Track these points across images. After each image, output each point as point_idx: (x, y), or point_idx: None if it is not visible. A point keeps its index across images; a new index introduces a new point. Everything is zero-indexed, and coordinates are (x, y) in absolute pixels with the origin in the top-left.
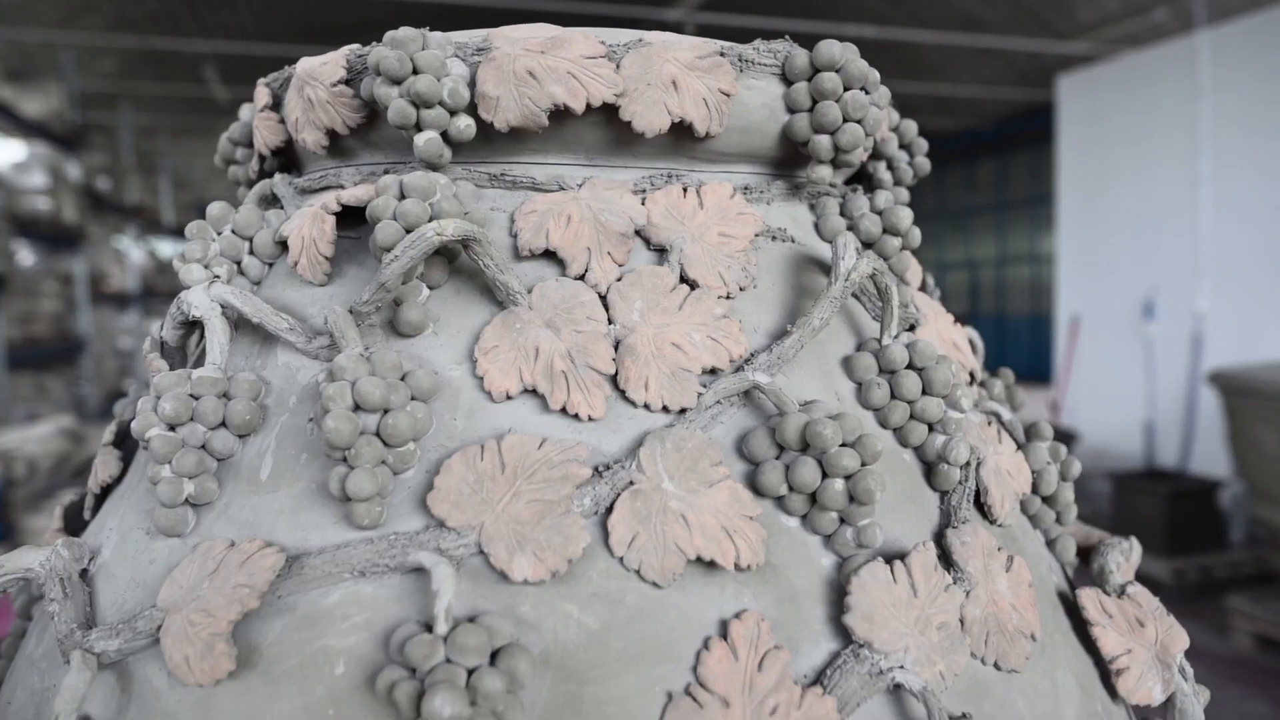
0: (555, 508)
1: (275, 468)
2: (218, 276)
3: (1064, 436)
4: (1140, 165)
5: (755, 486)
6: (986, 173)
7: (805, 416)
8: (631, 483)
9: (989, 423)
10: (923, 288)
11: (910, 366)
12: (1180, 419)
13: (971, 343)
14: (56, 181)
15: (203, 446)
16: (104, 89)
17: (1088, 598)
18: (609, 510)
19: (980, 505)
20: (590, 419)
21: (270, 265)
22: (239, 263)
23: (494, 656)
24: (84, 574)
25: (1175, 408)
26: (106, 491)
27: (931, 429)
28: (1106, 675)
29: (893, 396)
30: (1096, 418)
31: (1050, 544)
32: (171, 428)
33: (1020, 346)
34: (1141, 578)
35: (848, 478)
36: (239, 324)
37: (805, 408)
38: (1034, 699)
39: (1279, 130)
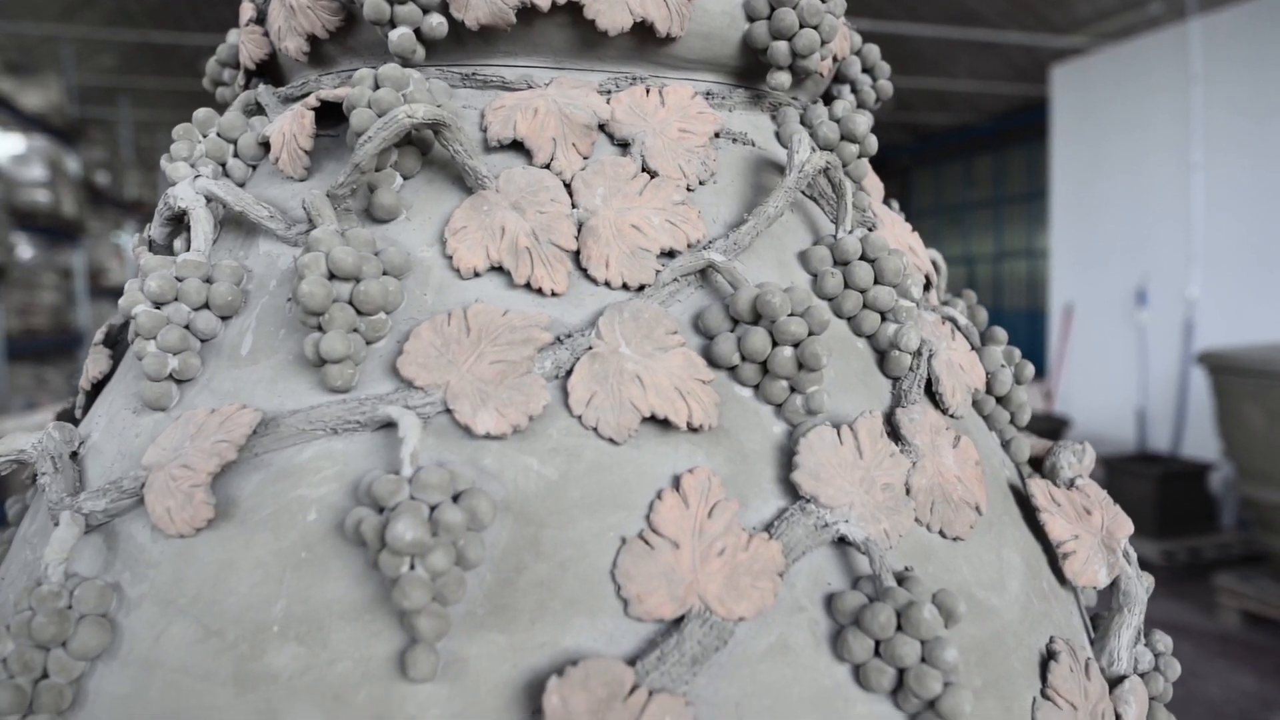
0: (517, 368)
1: (255, 343)
2: (202, 175)
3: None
4: (1133, 153)
5: (709, 357)
6: (983, 168)
7: (757, 290)
8: (590, 348)
9: (943, 322)
10: (886, 204)
11: (863, 258)
12: (1172, 406)
13: (935, 264)
14: (56, 175)
15: (187, 326)
16: (103, 83)
17: (1037, 486)
18: (569, 374)
19: (932, 394)
20: (553, 294)
21: (254, 167)
22: (224, 164)
23: (456, 498)
24: (74, 456)
25: (1167, 394)
26: (97, 391)
27: (884, 318)
28: (1055, 561)
29: (846, 286)
30: (1089, 405)
31: (1005, 445)
32: (157, 305)
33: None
34: None
35: (796, 345)
36: (224, 222)
37: (758, 286)
38: (978, 567)
39: (1270, 117)
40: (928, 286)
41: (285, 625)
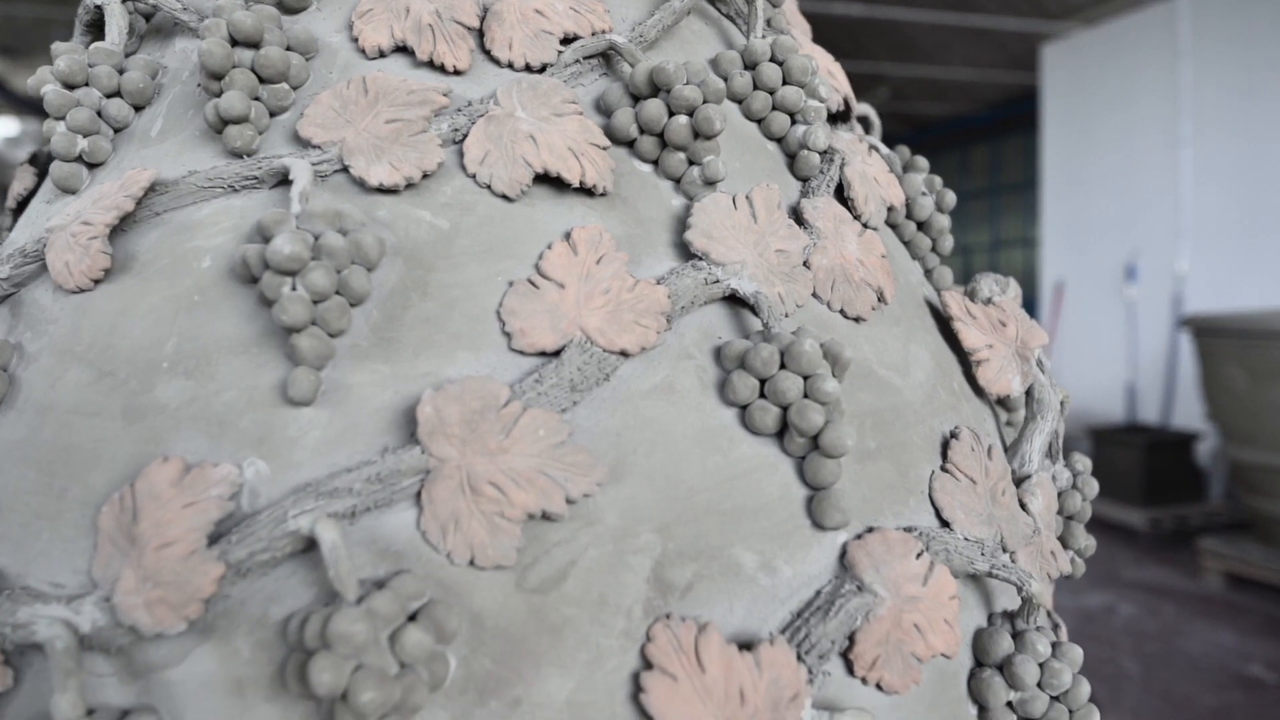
0: (413, 126)
1: (165, 125)
2: None
3: None
4: (1123, 130)
5: (609, 133)
6: (979, 158)
7: (654, 62)
8: (488, 113)
9: (860, 140)
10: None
11: (772, 60)
12: (1161, 380)
13: (868, 118)
14: None
15: (99, 113)
16: None
17: (951, 298)
18: (465, 138)
19: (844, 201)
20: (455, 71)
21: None
22: None
23: (344, 234)
24: None
25: (1156, 369)
26: (21, 210)
27: (794, 120)
28: (969, 373)
29: (755, 88)
30: (1080, 380)
31: (928, 274)
32: (68, 88)
33: None
34: (1118, 526)
35: (691, 113)
36: (145, 35)
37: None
38: (881, 349)
39: (1257, 91)
40: (847, 116)
41: (175, 362)
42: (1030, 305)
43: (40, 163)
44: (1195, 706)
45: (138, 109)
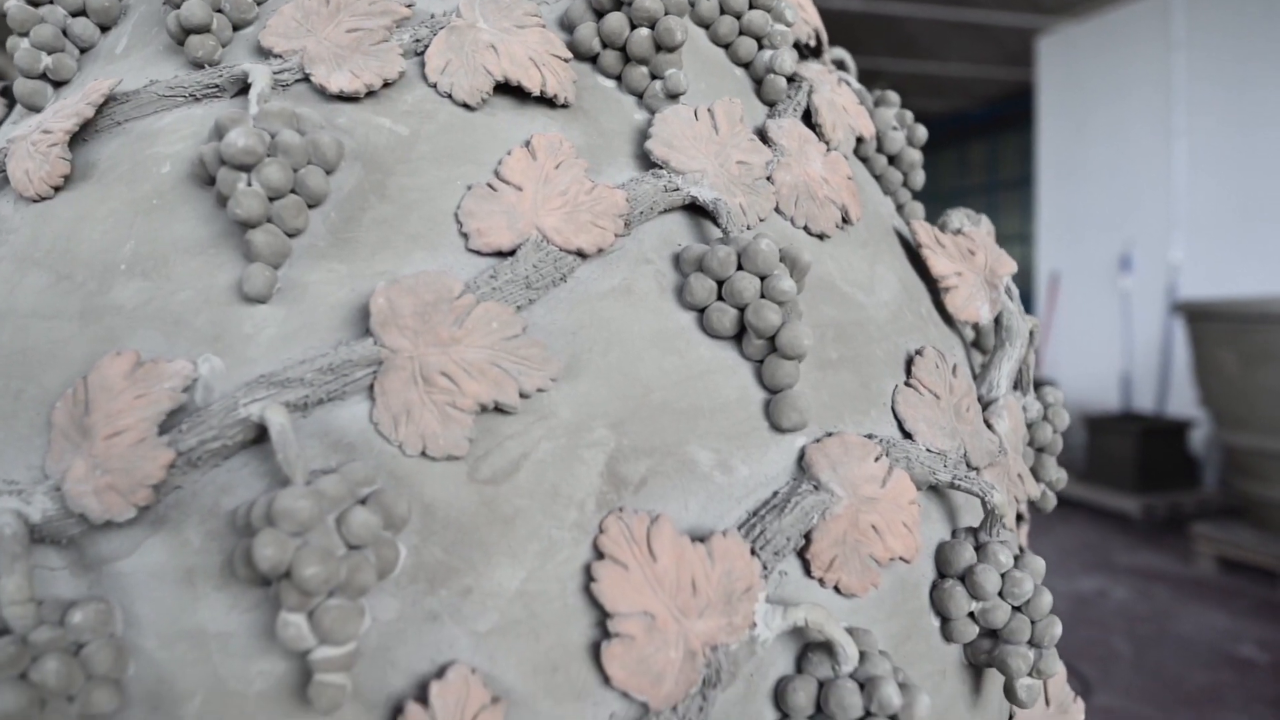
0: (373, 35)
1: (130, 42)
2: None
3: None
4: (1117, 121)
5: (572, 48)
6: (978, 154)
7: None
8: (450, 24)
9: (830, 71)
10: None
11: None
12: (1156, 369)
13: (844, 61)
14: None
15: (64, 31)
16: None
17: (920, 226)
18: (428, 49)
19: (813, 128)
20: None
21: None
22: None
23: (302, 135)
24: None
25: (1151, 358)
26: None
27: (761, 46)
28: (939, 301)
29: (722, 12)
30: (1075, 370)
31: (899, 208)
32: (31, 4)
33: None
34: (1112, 513)
35: (652, 25)
36: None
37: None
38: (845, 267)
39: (1250, 82)
40: (819, 52)
41: (132, 263)
42: (1026, 297)
43: (11, 94)
44: (1186, 685)
45: (103, 28)
